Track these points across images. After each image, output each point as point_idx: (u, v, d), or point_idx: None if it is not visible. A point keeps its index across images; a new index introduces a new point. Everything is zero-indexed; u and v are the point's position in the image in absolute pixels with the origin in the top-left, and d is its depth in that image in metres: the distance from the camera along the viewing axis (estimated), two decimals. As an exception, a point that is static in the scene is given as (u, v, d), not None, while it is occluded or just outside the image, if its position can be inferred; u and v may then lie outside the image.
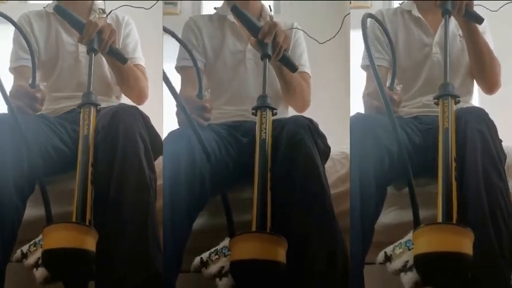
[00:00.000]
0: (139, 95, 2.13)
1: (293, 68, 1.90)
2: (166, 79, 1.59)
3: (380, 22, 1.88)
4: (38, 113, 1.95)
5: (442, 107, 1.68)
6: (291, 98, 2.07)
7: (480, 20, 1.87)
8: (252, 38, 1.83)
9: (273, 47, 1.81)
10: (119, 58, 1.92)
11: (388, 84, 1.85)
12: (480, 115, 1.73)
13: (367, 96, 1.83)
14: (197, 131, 1.62)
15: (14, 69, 2.11)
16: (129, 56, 2.14)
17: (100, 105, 1.80)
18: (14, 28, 2.10)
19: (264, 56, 1.80)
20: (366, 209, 1.65)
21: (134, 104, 1.97)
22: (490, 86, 2.05)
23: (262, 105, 1.75)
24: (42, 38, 2.14)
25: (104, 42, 1.82)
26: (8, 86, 1.87)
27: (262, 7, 2.12)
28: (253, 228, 1.57)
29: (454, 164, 1.59)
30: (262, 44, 1.80)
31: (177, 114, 1.80)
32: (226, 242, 1.62)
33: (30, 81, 1.86)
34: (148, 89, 2.15)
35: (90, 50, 1.81)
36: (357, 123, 1.70)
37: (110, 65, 2.05)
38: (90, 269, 1.59)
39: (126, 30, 2.20)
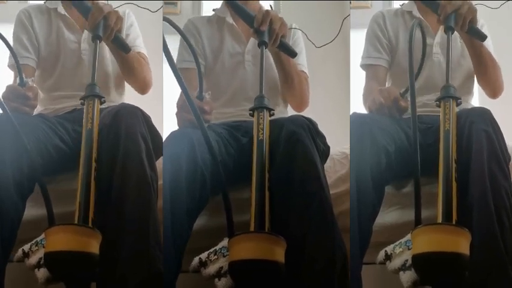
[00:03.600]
0: (144, 82, 2.12)
1: (292, 53, 1.89)
2: (177, 75, 1.58)
3: None
4: (38, 113, 1.95)
5: (443, 108, 1.68)
6: (290, 91, 2.06)
7: (483, 38, 1.85)
8: (251, 29, 1.82)
9: (269, 34, 1.80)
10: (122, 47, 1.89)
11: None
12: (485, 115, 1.73)
13: (378, 91, 1.84)
14: (205, 130, 1.61)
15: (13, 66, 2.08)
16: (130, 45, 2.10)
17: (104, 97, 1.78)
18: (13, 27, 2.10)
19: (261, 44, 1.80)
20: (364, 208, 1.65)
21: (136, 105, 1.96)
22: (494, 90, 2.06)
23: (260, 106, 1.74)
24: (42, 34, 2.12)
25: (109, 28, 1.80)
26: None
27: (260, 7, 2.12)
28: (252, 229, 1.57)
29: (454, 166, 1.59)
30: (258, 32, 1.80)
31: (177, 114, 1.80)
32: (225, 242, 1.61)
33: (18, 81, 1.84)
34: (151, 76, 2.14)
35: (95, 37, 1.78)
36: (354, 123, 1.71)
37: (113, 52, 2.02)
38: (93, 270, 1.58)
39: (128, 22, 2.18)
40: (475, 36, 1.86)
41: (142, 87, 2.12)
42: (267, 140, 1.70)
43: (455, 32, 2.01)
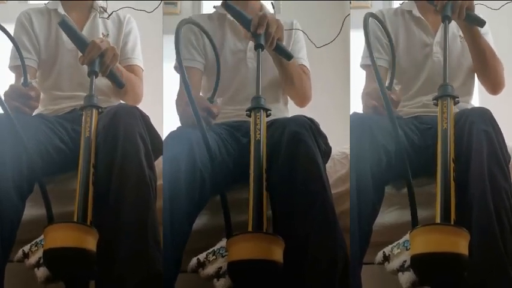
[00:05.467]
0: (135, 101, 2.14)
1: (288, 56, 1.89)
2: (183, 77, 1.61)
3: (381, 22, 1.87)
4: (38, 113, 1.96)
5: (441, 107, 1.67)
6: (291, 88, 2.06)
7: (482, 23, 1.84)
8: (246, 32, 1.83)
9: (265, 37, 1.81)
10: (116, 83, 1.92)
11: (386, 84, 1.84)
12: (485, 116, 1.72)
13: (366, 95, 1.83)
14: (204, 131, 1.62)
15: (14, 68, 2.10)
16: (127, 56, 2.17)
17: (101, 107, 1.80)
18: (13, 27, 2.11)
19: (257, 47, 1.81)
20: (364, 208, 1.65)
21: (136, 104, 1.97)
22: (494, 86, 2.05)
23: (256, 107, 1.74)
24: (42, 35, 2.14)
25: (105, 65, 1.82)
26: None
27: (261, 6, 2.12)
28: (250, 229, 1.57)
29: (452, 165, 1.59)
30: (255, 35, 1.80)
31: (182, 110, 1.80)
32: (223, 242, 1.61)
33: (22, 81, 1.85)
34: (142, 92, 2.16)
35: (91, 73, 1.80)
36: (354, 123, 1.70)
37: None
38: (91, 268, 1.59)
39: (127, 29, 2.20)
40: (473, 23, 1.86)
41: (132, 103, 2.12)
42: (264, 140, 1.70)
43: (455, 32, 2.02)
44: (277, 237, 1.54)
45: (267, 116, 1.77)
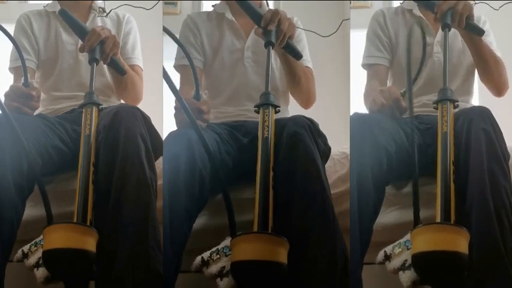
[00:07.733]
0: (134, 99, 2.14)
1: (297, 55, 1.88)
2: (168, 79, 1.58)
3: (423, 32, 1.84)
4: (38, 113, 1.96)
5: (441, 111, 1.68)
6: (296, 89, 2.06)
7: (481, 32, 1.85)
8: (257, 27, 1.81)
9: (276, 34, 1.79)
10: (118, 70, 1.92)
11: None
12: (484, 114, 1.72)
13: (379, 92, 1.83)
14: (199, 130, 1.62)
15: (14, 69, 2.11)
16: (127, 56, 2.17)
17: (102, 104, 1.80)
18: (13, 28, 2.12)
19: (268, 44, 1.78)
20: (365, 209, 1.65)
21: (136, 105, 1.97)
22: (498, 88, 2.05)
23: (265, 103, 1.73)
24: (41, 37, 2.15)
25: (105, 53, 1.83)
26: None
27: (261, 4, 2.12)
28: (255, 229, 1.57)
29: (452, 168, 1.60)
30: (266, 31, 1.78)
31: (175, 115, 1.80)
32: (227, 241, 1.61)
33: (22, 81, 1.85)
34: (142, 91, 2.17)
35: (92, 60, 1.81)
36: (355, 123, 1.70)
37: (110, 71, 2.05)
38: (91, 269, 1.59)
39: (126, 29, 2.20)
40: (473, 32, 1.86)
41: (132, 103, 2.13)
42: (273, 137, 1.69)
43: (455, 31, 2.02)
44: (282, 238, 1.53)
45: (276, 112, 1.76)
